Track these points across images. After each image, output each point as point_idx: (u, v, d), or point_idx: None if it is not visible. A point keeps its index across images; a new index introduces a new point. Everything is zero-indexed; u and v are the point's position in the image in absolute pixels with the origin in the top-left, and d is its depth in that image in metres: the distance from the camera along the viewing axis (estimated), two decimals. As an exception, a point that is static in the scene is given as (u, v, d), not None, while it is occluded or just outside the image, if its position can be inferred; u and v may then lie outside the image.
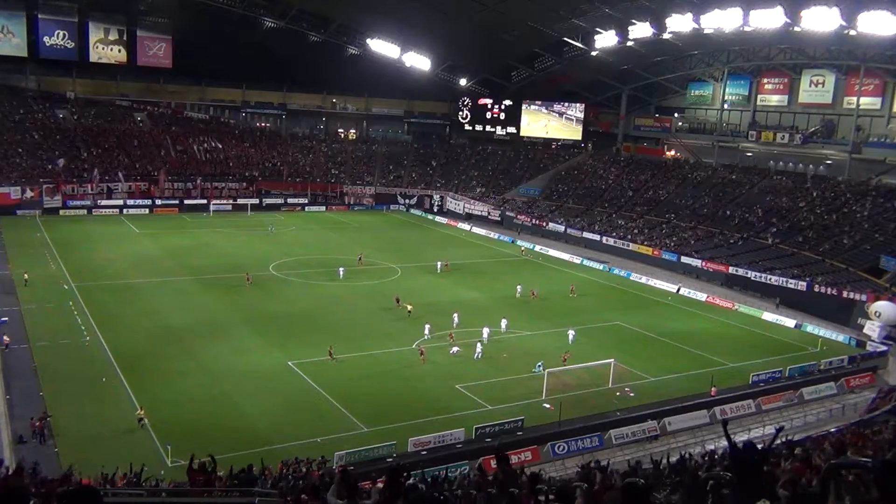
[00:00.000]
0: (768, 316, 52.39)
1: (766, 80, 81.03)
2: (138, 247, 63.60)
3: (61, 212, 75.15)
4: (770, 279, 57.59)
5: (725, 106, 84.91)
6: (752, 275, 59.09)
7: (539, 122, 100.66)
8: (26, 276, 49.09)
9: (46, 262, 55.37)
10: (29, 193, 74.05)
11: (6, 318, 41.23)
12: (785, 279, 56.56)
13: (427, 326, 42.65)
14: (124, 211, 78.53)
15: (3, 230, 64.55)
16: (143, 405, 30.74)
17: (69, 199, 76.60)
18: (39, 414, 29.40)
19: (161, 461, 26.34)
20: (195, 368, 36.46)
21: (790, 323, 51.01)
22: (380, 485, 9.33)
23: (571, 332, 41.92)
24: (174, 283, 52.17)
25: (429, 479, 13.73)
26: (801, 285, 55.11)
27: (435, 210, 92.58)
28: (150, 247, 63.91)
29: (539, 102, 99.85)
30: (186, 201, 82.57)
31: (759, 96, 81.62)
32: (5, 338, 37.72)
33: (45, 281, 49.90)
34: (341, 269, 56.61)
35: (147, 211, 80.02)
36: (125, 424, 29.96)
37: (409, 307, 44.97)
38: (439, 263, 60.36)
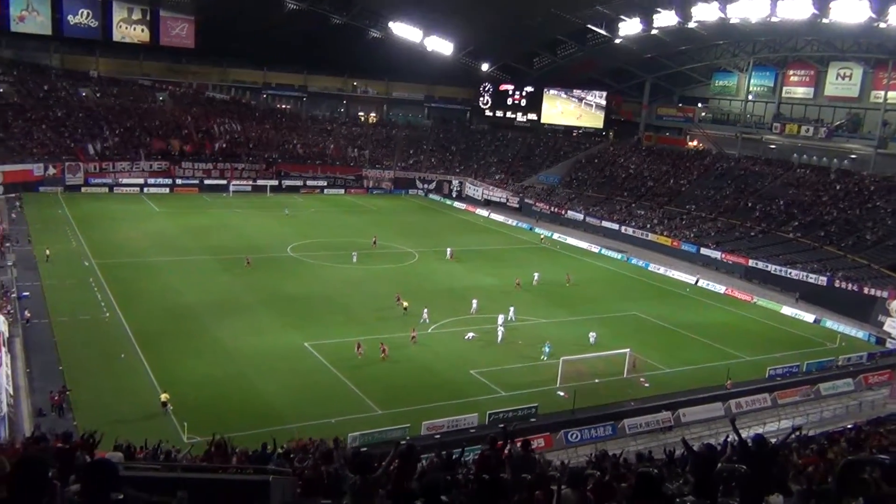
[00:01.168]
0: (787, 310, 51.82)
1: (791, 72, 79.90)
2: (158, 225, 64.12)
3: (83, 189, 75.88)
4: (790, 273, 56.93)
5: (750, 97, 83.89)
6: (772, 268, 58.54)
7: (560, 110, 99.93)
8: (48, 252, 49.62)
9: (68, 238, 55.97)
10: (51, 170, 74.80)
11: (28, 293, 41.81)
12: (805, 273, 55.93)
13: (425, 311, 42.53)
14: (145, 190, 79.11)
15: (25, 206, 65.40)
16: (165, 388, 30.62)
17: (91, 177, 77.29)
18: (59, 388, 29.76)
19: (178, 437, 26.50)
20: (212, 347, 36.69)
21: (809, 318, 50.49)
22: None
23: (593, 335, 40.92)
24: (193, 263, 52.54)
25: (444, 454, 13.81)
26: (822, 280, 54.55)
27: (453, 195, 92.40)
28: (169, 226, 64.39)
29: (561, 89, 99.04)
30: (206, 181, 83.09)
31: (785, 88, 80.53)
32: (27, 312, 38.19)
33: (67, 257, 50.39)
34: (354, 253, 56.62)
35: (167, 190, 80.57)
36: (143, 400, 30.25)
37: (406, 304, 44.00)
38: (449, 250, 60.15)
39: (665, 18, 71.41)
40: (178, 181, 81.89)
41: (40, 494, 4.29)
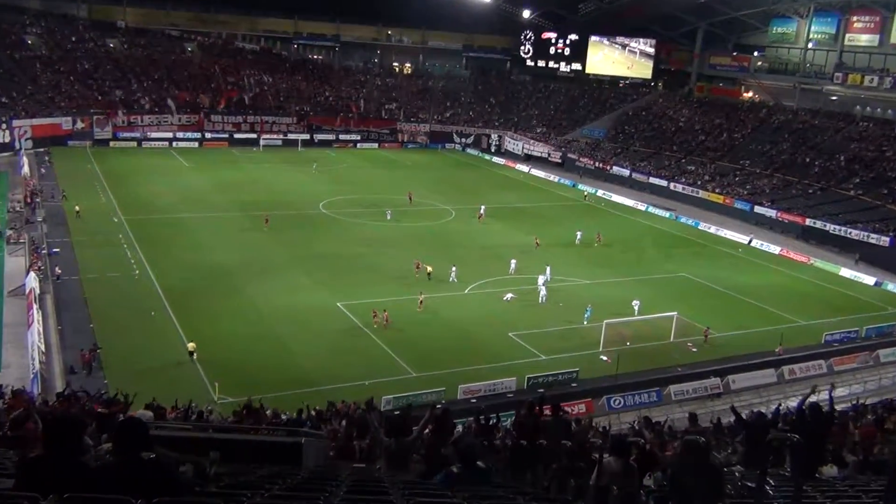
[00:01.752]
0: (846, 272, 49.92)
1: (855, 18, 75.22)
2: (187, 181, 63.77)
3: (111, 143, 75.57)
4: (850, 233, 54.83)
5: (810, 45, 79.58)
6: (830, 228, 56.39)
7: (606, 59, 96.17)
8: (77, 208, 49.52)
9: (97, 194, 56.00)
10: (80, 124, 74.45)
11: (58, 250, 41.87)
12: (867, 233, 53.78)
13: (453, 269, 41.56)
14: (174, 144, 78.55)
15: (55, 161, 65.44)
16: (192, 339, 30.72)
17: (119, 131, 76.83)
18: (89, 345, 29.77)
19: (209, 397, 26.21)
20: (243, 306, 36.29)
21: (870, 280, 48.52)
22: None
23: (636, 303, 38.78)
24: (223, 219, 52.09)
25: (481, 419, 13.56)
26: (884, 240, 52.30)
27: (492, 150, 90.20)
28: (199, 181, 63.94)
29: (607, 37, 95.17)
30: (236, 135, 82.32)
31: (848, 35, 75.93)
32: (57, 269, 38.19)
33: (96, 213, 50.38)
34: (388, 210, 55.52)
35: (197, 144, 80.00)
36: (174, 359, 30.36)
37: (429, 269, 42.30)
38: (482, 208, 57.87)
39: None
40: (208, 135, 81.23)
41: (73, 453, 4.45)
